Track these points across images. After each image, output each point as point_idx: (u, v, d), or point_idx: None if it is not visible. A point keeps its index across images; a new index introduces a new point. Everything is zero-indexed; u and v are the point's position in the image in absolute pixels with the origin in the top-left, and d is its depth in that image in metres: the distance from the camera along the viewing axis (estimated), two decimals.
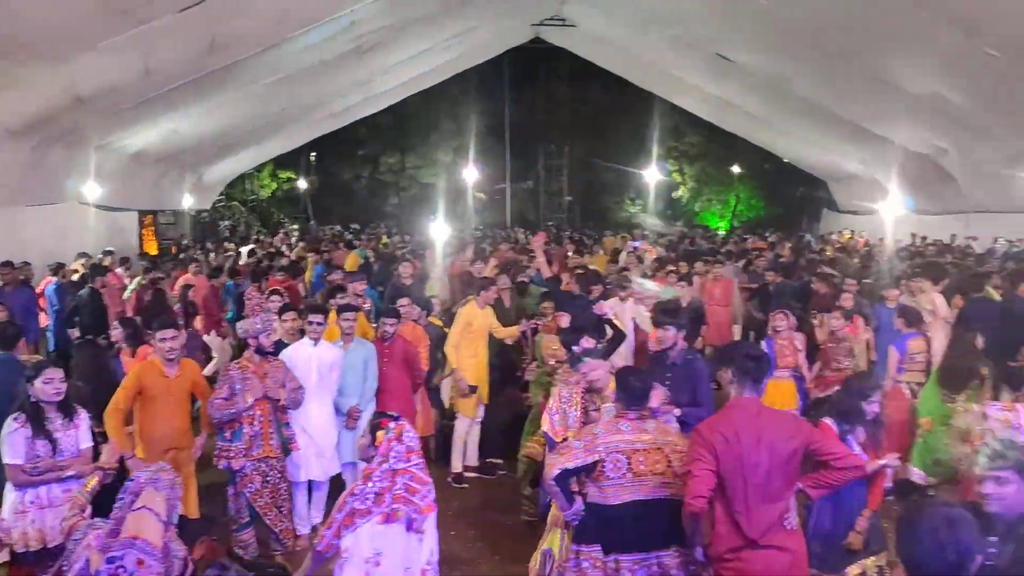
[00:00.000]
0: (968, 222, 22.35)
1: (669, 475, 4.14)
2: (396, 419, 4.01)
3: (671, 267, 12.02)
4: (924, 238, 20.88)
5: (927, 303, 9.07)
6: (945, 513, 2.49)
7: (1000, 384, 6.85)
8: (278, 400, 6.00)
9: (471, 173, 33.33)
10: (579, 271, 10.59)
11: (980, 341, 7.09)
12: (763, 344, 7.92)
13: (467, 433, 8.05)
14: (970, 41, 13.42)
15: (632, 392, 4.27)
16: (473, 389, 7.87)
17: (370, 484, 3.80)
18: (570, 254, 15.58)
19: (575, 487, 4.27)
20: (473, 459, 8.12)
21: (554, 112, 38.64)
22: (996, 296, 9.99)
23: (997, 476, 2.96)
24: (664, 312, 5.94)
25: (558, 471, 4.10)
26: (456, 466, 8.02)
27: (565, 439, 4.83)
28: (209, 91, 15.00)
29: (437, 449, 8.27)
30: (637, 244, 14.48)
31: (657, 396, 4.68)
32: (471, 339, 7.97)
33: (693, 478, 3.86)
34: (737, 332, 11.62)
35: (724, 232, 31.84)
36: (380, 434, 3.89)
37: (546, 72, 38.09)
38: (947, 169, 21.84)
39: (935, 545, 2.41)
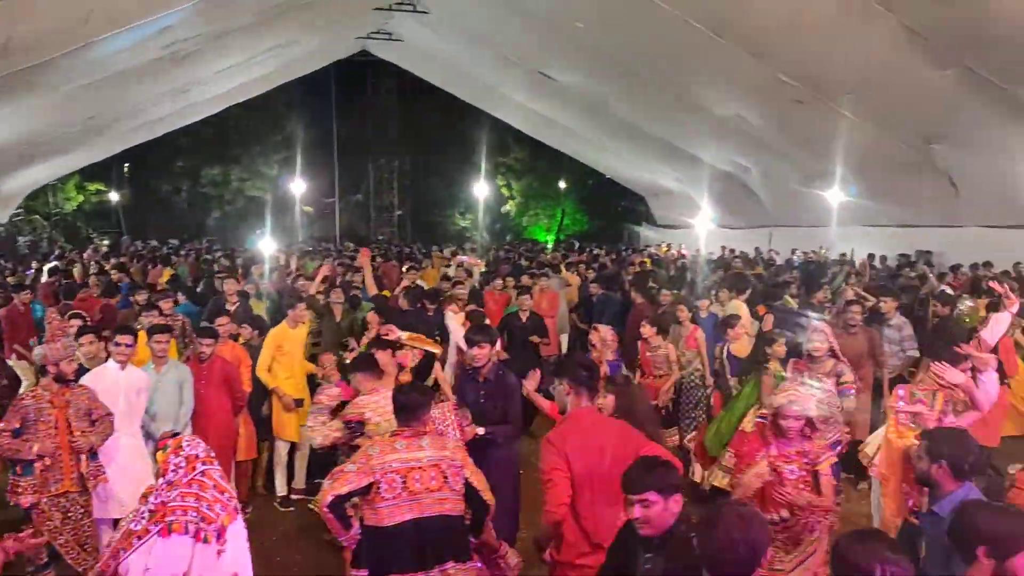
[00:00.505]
0: (771, 236, 24.24)
1: (446, 491, 4.11)
2: (175, 435, 3.85)
3: (499, 281, 12.24)
4: (732, 250, 22.39)
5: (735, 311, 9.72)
6: (738, 512, 2.69)
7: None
8: (83, 431, 5.55)
9: (299, 186, 32.55)
10: (409, 286, 10.57)
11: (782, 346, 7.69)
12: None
13: (288, 455, 7.84)
14: (766, 69, 14.61)
15: (406, 409, 4.21)
16: (299, 403, 7.68)
17: (147, 503, 3.57)
18: (404, 269, 15.47)
19: (351, 511, 4.18)
20: (301, 481, 7.89)
21: (384, 126, 38.50)
22: (793, 304, 10.86)
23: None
24: (477, 330, 5.88)
25: (331, 498, 3.99)
26: (280, 489, 7.78)
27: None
28: (5, 96, 13.80)
29: (267, 472, 7.98)
30: (465, 258, 14.61)
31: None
32: (285, 361, 7.78)
33: (553, 485, 3.93)
34: (564, 342, 11.99)
35: (551, 245, 32.81)
36: (159, 454, 3.71)
37: (376, 85, 37.92)
38: (751, 186, 23.65)
39: (730, 542, 2.60)
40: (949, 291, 11.77)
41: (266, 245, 16.22)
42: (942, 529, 3.13)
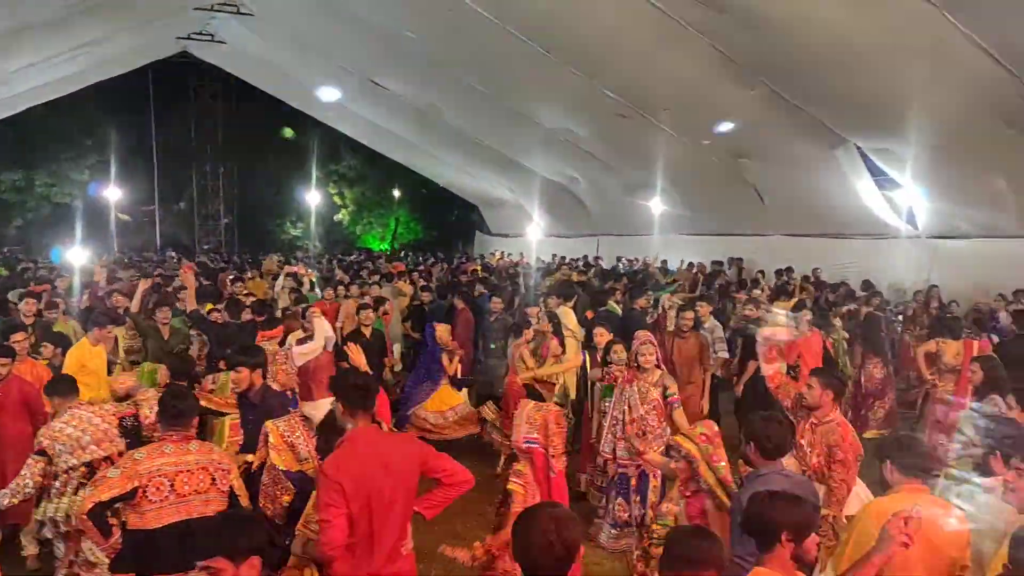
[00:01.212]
0: (598, 243, 25.23)
1: (213, 492, 4.18)
2: None
3: (331, 291, 12.06)
4: (563, 258, 23.11)
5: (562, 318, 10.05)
6: (552, 514, 2.76)
7: None
8: None
9: (113, 193, 30.49)
10: (232, 298, 10.20)
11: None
12: None
13: None
14: (591, 83, 15.23)
15: (175, 414, 4.22)
16: None
17: None
18: (229, 280, 14.87)
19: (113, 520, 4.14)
20: None
21: (209, 131, 36.81)
22: (617, 309, 11.36)
23: None
24: (241, 351, 5.66)
25: (91, 505, 3.92)
26: None
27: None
28: None
29: None
30: (295, 268, 14.23)
31: None
32: (90, 380, 7.20)
33: (328, 525, 3.66)
34: (397, 351, 11.97)
35: (387, 254, 32.57)
36: None
37: (200, 89, 36.19)
38: (579, 196, 24.53)
39: (546, 543, 2.68)
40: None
41: (75, 255, 15.08)
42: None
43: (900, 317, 13.21)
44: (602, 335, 7.60)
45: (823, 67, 12.25)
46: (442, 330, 8.58)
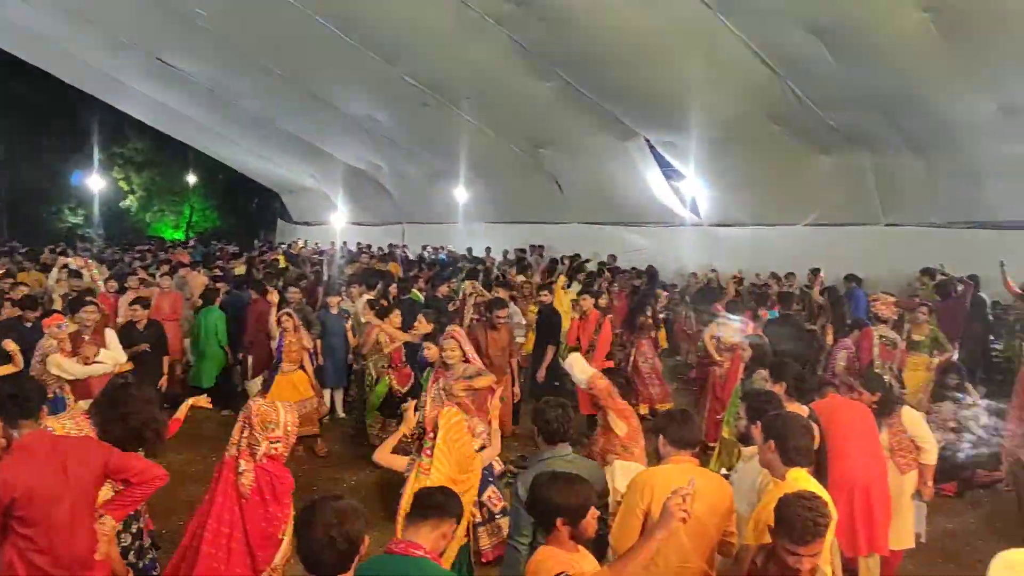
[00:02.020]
0: (403, 231, 25.14)
1: None
2: None
3: (113, 283, 11.24)
4: (369, 246, 22.82)
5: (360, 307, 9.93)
6: (335, 507, 2.71)
7: None
8: None
9: None
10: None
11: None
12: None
13: None
14: (392, 70, 15.08)
15: None
16: None
17: None
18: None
19: None
20: None
21: None
22: (420, 297, 11.39)
23: None
24: None
25: None
26: None
27: None
28: None
29: None
30: (70, 260, 13.08)
31: None
32: None
33: None
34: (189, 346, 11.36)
35: (182, 242, 30.71)
36: None
37: None
38: (383, 184, 24.29)
39: (328, 538, 2.63)
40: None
41: None
42: None
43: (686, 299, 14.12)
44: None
45: (613, 62, 12.83)
46: None
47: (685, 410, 4.12)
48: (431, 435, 4.36)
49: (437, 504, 3.24)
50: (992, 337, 11.46)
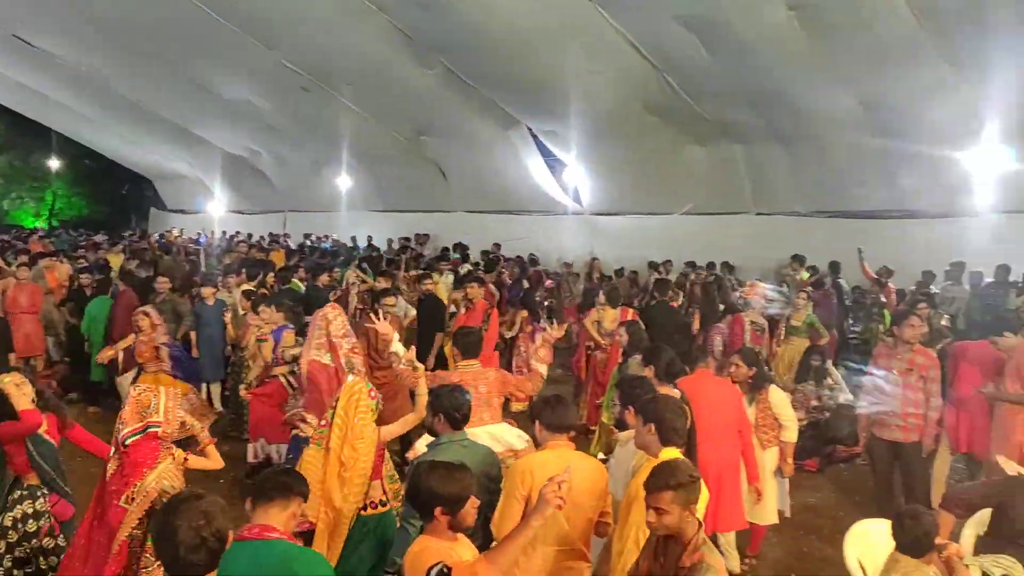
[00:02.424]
0: (285, 220, 24.50)
1: None
2: None
3: None
4: (250, 235, 22.10)
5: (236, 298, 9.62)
6: (201, 508, 2.60)
7: None
8: None
9: None
10: None
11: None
12: None
13: None
14: (272, 54, 14.63)
15: None
16: None
17: None
18: None
19: None
20: None
21: None
22: (300, 287, 11.11)
23: None
24: None
25: None
26: None
27: None
28: None
29: None
30: None
31: None
32: None
33: None
34: (51, 342, 10.74)
35: (45, 231, 28.89)
36: None
37: None
38: (264, 172, 23.58)
39: (199, 539, 2.53)
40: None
41: None
42: None
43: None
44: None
45: (495, 51, 12.87)
46: None
47: (559, 395, 4.18)
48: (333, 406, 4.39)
49: (281, 485, 3.19)
50: (851, 320, 12.17)
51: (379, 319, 5.51)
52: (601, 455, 5.86)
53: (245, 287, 9.93)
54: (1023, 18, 8.87)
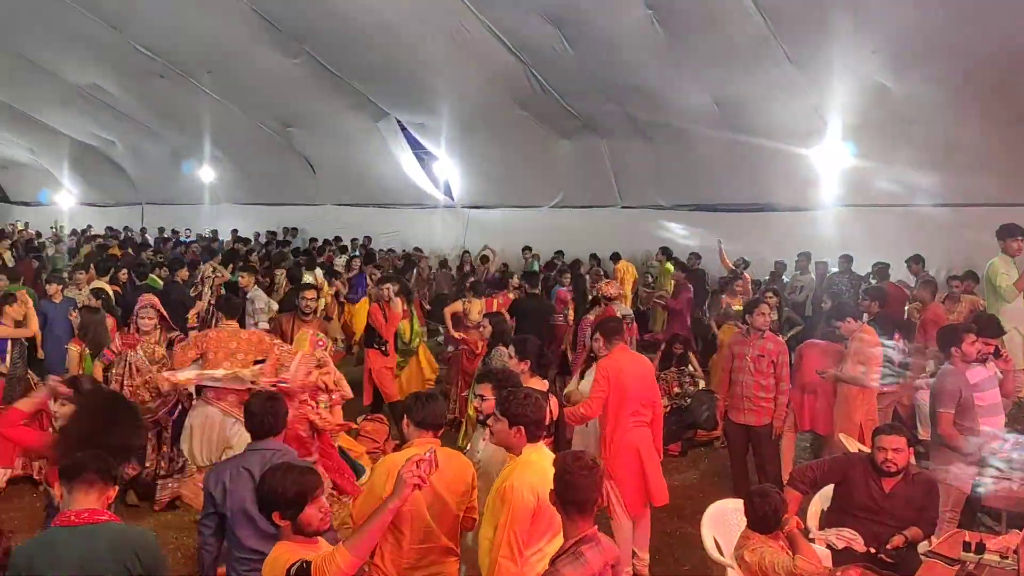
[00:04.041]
0: (143, 213, 23.30)
1: None
2: None
3: None
4: (110, 228, 20.92)
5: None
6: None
7: None
8: None
9: None
10: None
11: None
12: None
13: None
14: (119, 35, 13.82)
15: None
16: None
17: None
18: None
19: None
20: None
21: None
22: (159, 282, 10.60)
23: None
24: None
25: None
26: None
27: None
28: None
29: None
30: None
31: None
32: None
33: None
34: None
35: None
36: None
37: None
38: (118, 162, 22.30)
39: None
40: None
41: None
42: None
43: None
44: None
45: (362, 41, 12.66)
46: None
47: (431, 392, 4.17)
48: None
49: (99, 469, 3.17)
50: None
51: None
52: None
53: (97, 284, 9.39)
54: (858, 21, 9.45)
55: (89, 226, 21.97)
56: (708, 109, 12.04)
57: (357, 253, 15.14)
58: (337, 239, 16.96)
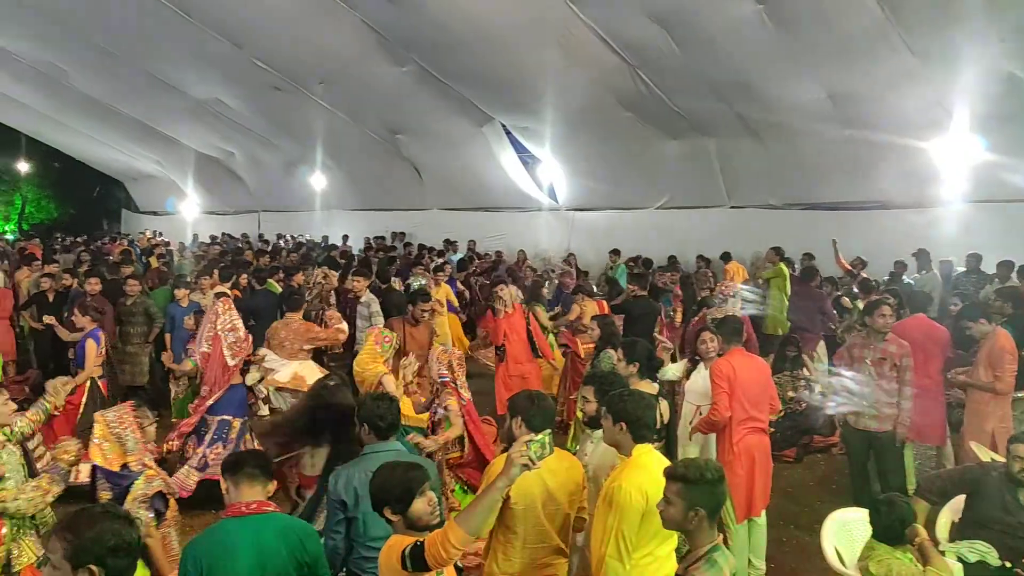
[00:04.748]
0: (259, 220, 24.30)
1: None
2: None
3: None
4: (231, 235, 21.93)
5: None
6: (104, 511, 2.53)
7: None
8: None
9: None
10: None
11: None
12: None
13: None
14: (239, 52, 14.47)
15: None
16: None
17: None
18: None
19: None
20: None
21: None
22: (277, 288, 11.00)
23: None
24: None
25: None
26: None
27: None
28: None
29: None
30: None
31: None
32: None
33: None
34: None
35: (12, 237, 28.45)
36: None
37: None
38: (237, 172, 23.36)
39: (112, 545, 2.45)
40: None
41: None
42: None
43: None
44: None
45: (468, 47, 12.81)
46: None
47: (540, 392, 4.15)
48: None
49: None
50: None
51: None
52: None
53: (219, 289, 9.82)
54: (987, 7, 8.96)
55: (224, 233, 22.98)
56: (821, 104, 11.65)
57: (451, 259, 15.17)
58: (449, 242, 17.25)
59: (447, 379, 5.62)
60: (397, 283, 11.14)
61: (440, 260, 13.97)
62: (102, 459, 4.45)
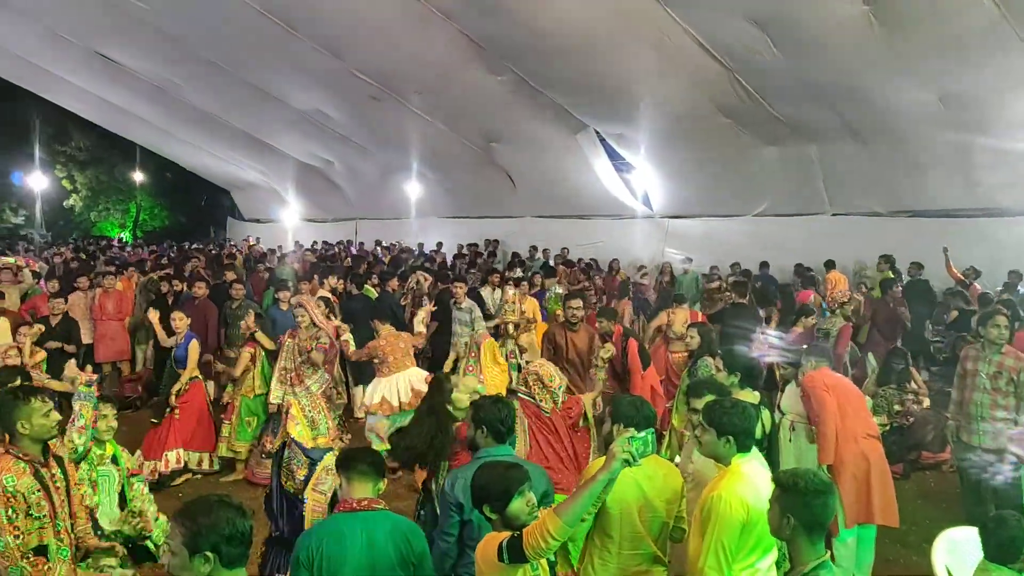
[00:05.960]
0: (356, 228, 24.92)
1: None
2: None
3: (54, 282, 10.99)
4: (326, 243, 22.59)
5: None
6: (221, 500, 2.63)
7: None
8: None
9: None
10: None
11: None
12: None
13: None
14: (339, 63, 14.90)
15: None
16: None
17: None
18: None
19: None
20: None
21: None
22: (373, 292, 11.29)
23: None
24: None
25: None
26: None
27: None
28: None
29: None
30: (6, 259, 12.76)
31: None
32: None
33: None
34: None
35: (128, 242, 30.03)
36: None
37: None
38: (335, 180, 24.02)
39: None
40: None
41: None
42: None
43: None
44: None
45: (561, 55, 12.83)
46: None
47: (640, 397, 4.14)
48: None
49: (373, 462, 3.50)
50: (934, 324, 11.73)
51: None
52: (678, 458, 5.79)
53: (321, 293, 10.13)
54: None
55: (324, 242, 23.68)
56: (930, 107, 11.20)
57: (538, 268, 14.95)
58: (534, 248, 17.30)
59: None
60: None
61: (519, 270, 13.64)
62: (297, 435, 4.99)
